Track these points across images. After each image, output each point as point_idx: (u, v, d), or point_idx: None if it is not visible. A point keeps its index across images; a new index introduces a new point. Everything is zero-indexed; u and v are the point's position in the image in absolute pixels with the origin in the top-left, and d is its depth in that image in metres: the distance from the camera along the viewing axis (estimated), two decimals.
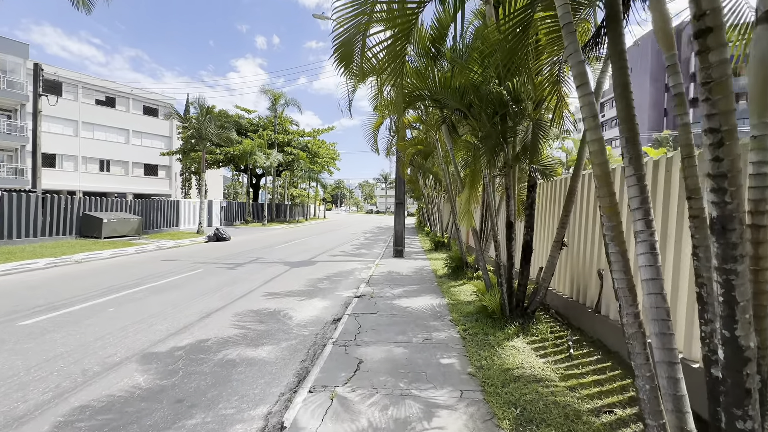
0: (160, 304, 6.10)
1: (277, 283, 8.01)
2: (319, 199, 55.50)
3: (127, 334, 4.70)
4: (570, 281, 5.46)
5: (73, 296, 6.43)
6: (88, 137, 32.21)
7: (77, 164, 31.69)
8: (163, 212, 20.04)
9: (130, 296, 6.55)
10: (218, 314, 5.68)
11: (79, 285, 7.30)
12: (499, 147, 4.24)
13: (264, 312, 5.86)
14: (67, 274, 8.39)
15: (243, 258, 11.58)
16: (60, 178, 30.46)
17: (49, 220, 13.85)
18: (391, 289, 7.51)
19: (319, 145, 36.34)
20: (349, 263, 11.28)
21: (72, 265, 9.80)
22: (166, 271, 9.02)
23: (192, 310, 5.87)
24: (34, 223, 13.14)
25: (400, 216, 12.44)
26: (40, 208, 13.30)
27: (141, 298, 6.47)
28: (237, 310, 5.95)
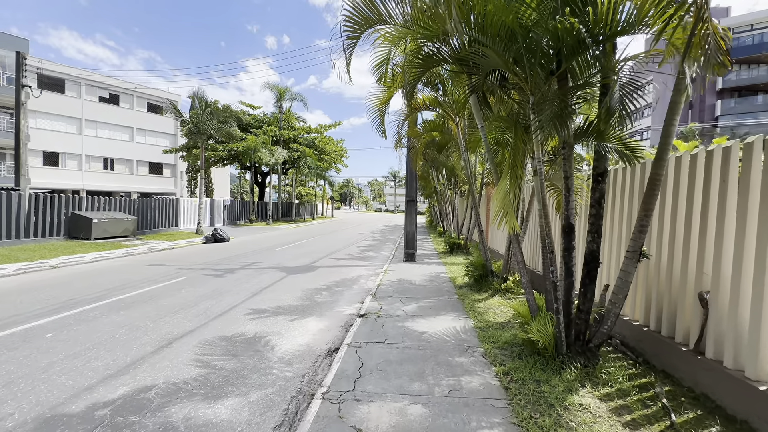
0: (114, 327, 4.90)
1: (267, 296, 6.77)
2: (327, 198, 54.48)
3: (49, 377, 3.49)
4: (646, 304, 4.07)
5: (15, 314, 5.28)
6: (91, 135, 31.62)
7: (81, 163, 31.13)
8: (162, 212, 19.08)
9: (84, 315, 5.37)
10: (182, 342, 4.44)
11: (31, 298, 6.17)
12: (562, 117, 2.90)
13: (241, 339, 4.61)
14: (30, 283, 7.29)
15: (237, 262, 10.41)
16: (63, 177, 29.94)
17: (34, 220, 12.91)
18: (403, 304, 6.19)
19: (326, 141, 35.13)
20: (354, 269, 9.99)
21: (45, 271, 8.75)
22: (144, 279, 7.87)
23: (151, 336, 4.65)
24: (17, 224, 12.20)
25: (411, 215, 11.10)
26: (23, 208, 12.36)
27: (96, 317, 5.28)
28: (208, 335, 4.71)
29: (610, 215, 4.60)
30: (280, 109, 31.90)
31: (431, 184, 20.88)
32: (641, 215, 3.51)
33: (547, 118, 2.89)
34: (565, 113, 2.93)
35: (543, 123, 2.92)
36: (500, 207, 3.77)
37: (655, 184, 3.46)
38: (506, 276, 6.97)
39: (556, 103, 2.92)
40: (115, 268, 9.23)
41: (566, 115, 2.95)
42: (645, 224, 3.50)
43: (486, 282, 7.18)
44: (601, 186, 3.51)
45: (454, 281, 8.01)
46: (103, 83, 32.50)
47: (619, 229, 4.44)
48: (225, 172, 50.24)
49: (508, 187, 3.78)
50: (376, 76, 5.28)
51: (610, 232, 4.60)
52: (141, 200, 17.70)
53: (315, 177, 37.92)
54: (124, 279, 7.82)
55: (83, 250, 11.68)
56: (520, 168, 3.82)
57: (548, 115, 2.88)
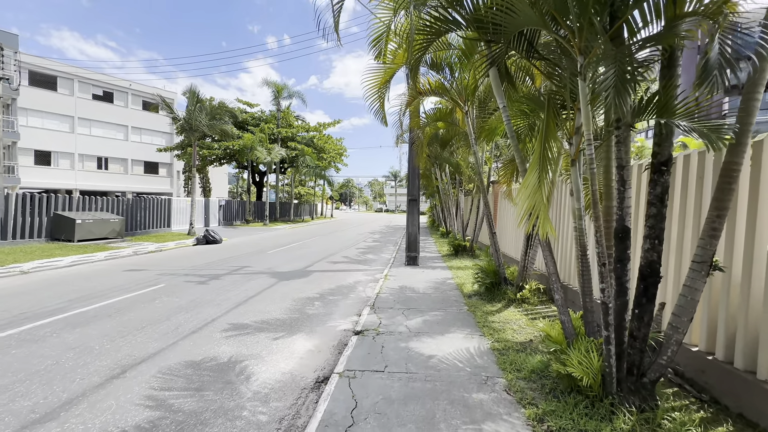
0: (63, 349, 4.11)
1: (252, 307, 5.99)
2: (326, 198, 53.70)
3: None
4: (709, 326, 3.28)
5: None
6: (84, 134, 30.88)
7: (74, 162, 30.38)
8: (153, 212, 18.31)
9: (31, 333, 4.58)
10: (138, 371, 3.66)
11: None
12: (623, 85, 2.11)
13: (211, 365, 3.82)
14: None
15: (226, 266, 9.62)
16: (56, 177, 29.20)
17: (13, 221, 12.15)
18: (405, 317, 5.40)
19: (326, 140, 34.36)
20: (351, 274, 9.20)
21: (13, 277, 7.98)
22: (117, 287, 7.09)
23: (103, 361, 3.86)
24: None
25: (413, 215, 10.31)
26: (0, 208, 11.60)
27: (44, 336, 4.50)
28: (173, 360, 3.92)
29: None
30: (278, 107, 31.11)
31: (434, 183, 20.08)
32: (712, 216, 2.73)
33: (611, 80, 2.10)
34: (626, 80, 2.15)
35: (607, 86, 2.12)
36: (529, 206, 2.98)
37: (730, 176, 2.69)
38: (522, 284, 6.18)
39: (622, 61, 2.13)
40: (90, 273, 8.46)
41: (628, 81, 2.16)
42: (717, 227, 2.72)
43: (498, 291, 6.38)
44: (664, 178, 2.72)
45: (462, 289, 7.22)
46: (97, 80, 31.75)
47: (680, 234, 3.63)
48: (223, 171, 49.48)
49: (537, 182, 2.99)
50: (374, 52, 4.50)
51: (666, 238, 3.80)
52: (130, 200, 16.94)
53: (314, 176, 37.11)
54: (94, 287, 7.04)
55: (63, 253, 10.92)
56: (552, 157, 3.03)
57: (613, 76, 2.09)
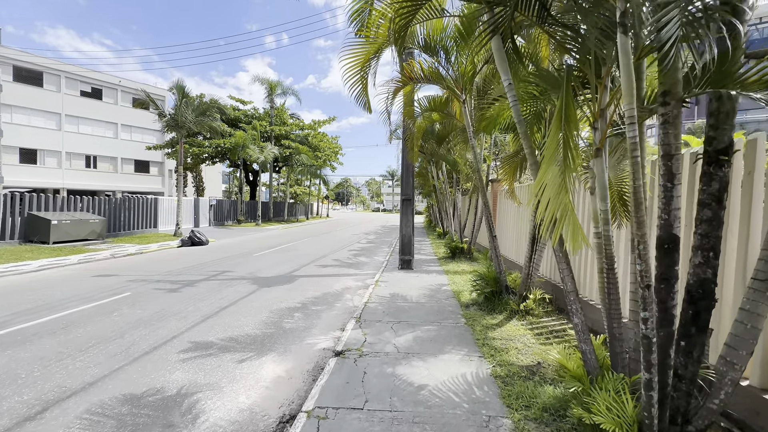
0: None
1: (222, 320, 5.31)
2: (322, 197, 53.00)
3: None
4: (764, 358, 2.64)
5: None
6: (72, 131, 30.00)
7: (61, 160, 29.49)
8: (138, 212, 17.58)
9: None
10: (63, 409, 2.98)
11: None
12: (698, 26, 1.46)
13: (154, 400, 3.15)
14: None
15: (204, 271, 8.93)
16: (42, 175, 28.32)
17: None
18: (394, 332, 4.74)
19: (320, 138, 33.67)
20: (340, 279, 8.53)
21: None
22: (77, 296, 6.39)
23: (25, 395, 3.18)
24: None
25: (407, 215, 9.65)
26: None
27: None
28: (110, 392, 3.25)
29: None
30: (272, 104, 30.39)
31: (430, 182, 19.43)
32: None
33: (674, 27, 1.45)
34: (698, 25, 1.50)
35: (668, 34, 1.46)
36: (553, 210, 2.32)
37: None
38: (525, 293, 5.53)
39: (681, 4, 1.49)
40: (56, 280, 7.75)
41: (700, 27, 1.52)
42: None
43: (499, 300, 5.73)
44: (722, 172, 2.07)
45: (459, 297, 6.57)
46: (85, 77, 30.88)
47: (739, 243, 2.96)
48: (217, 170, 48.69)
49: (561, 178, 2.33)
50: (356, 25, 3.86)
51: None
52: (114, 200, 16.20)
53: (308, 175, 36.41)
54: (52, 295, 6.34)
55: (33, 257, 10.20)
56: (575, 145, 2.38)
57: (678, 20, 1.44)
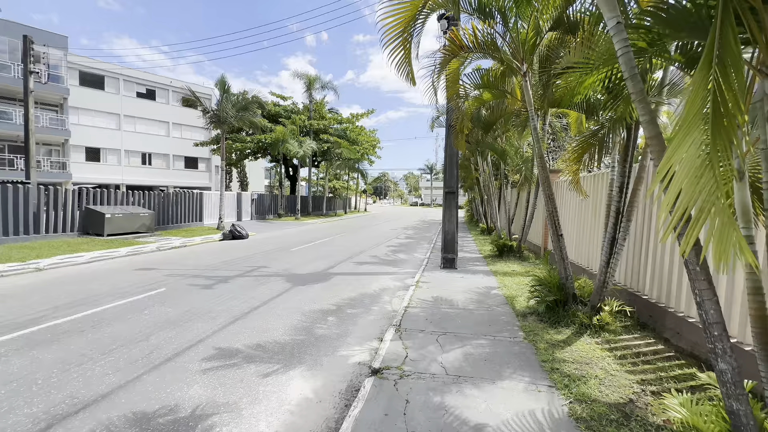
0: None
1: (251, 323, 4.92)
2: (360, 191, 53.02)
3: None
4: None
5: None
6: (130, 130, 32.11)
7: (120, 158, 31.72)
8: (185, 206, 18.21)
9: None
10: (67, 428, 2.64)
11: None
12: None
13: (164, 424, 2.72)
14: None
15: (240, 266, 8.76)
16: (105, 172, 30.62)
17: (45, 215, 12.16)
18: (440, 347, 4.06)
19: (358, 131, 33.34)
20: (378, 278, 7.96)
21: (25, 274, 7.58)
22: (114, 291, 6.36)
23: (34, 407, 2.90)
24: (25, 219, 11.44)
25: (450, 210, 8.85)
26: (31, 203, 11.60)
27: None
28: (121, 409, 2.88)
29: None
30: (310, 99, 30.49)
31: (472, 174, 18.34)
32: None
33: None
34: None
35: None
36: (688, 199, 1.50)
37: None
38: (599, 304, 4.59)
39: None
40: (102, 272, 7.91)
41: None
42: None
43: (565, 311, 4.83)
44: None
45: (513, 304, 5.72)
46: (140, 78, 32.87)
47: None
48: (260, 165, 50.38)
49: (701, 152, 1.52)
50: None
51: None
52: (163, 194, 16.86)
53: (347, 169, 36.34)
54: (91, 289, 6.35)
55: (87, 248, 10.66)
56: (734, 99, 1.54)
57: None
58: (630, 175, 4.21)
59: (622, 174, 4.11)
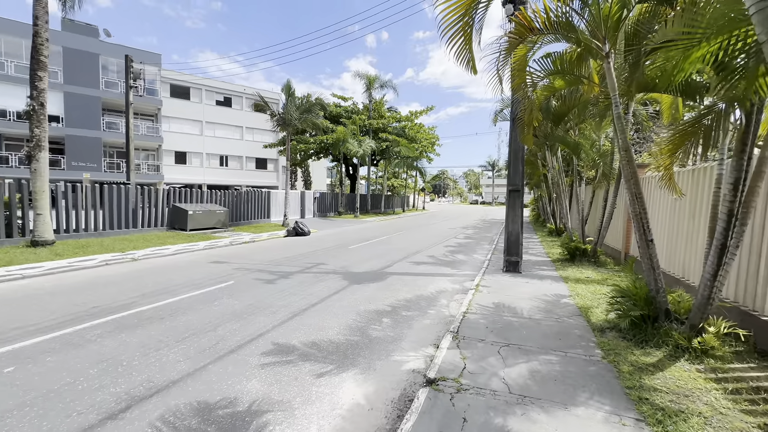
0: (93, 361, 3.64)
1: (308, 319, 5.01)
2: (418, 189, 52.65)
3: None
4: None
5: (19, 326, 4.51)
6: (210, 135, 35.55)
7: (202, 160, 35.28)
8: (254, 204, 19.60)
9: (79, 336, 4.32)
10: (142, 410, 2.86)
11: (63, 302, 5.54)
12: None
13: (223, 416, 2.82)
14: (90, 279, 6.97)
15: (301, 263, 9.10)
16: (190, 174, 34.30)
17: (141, 212, 13.90)
18: (503, 360, 3.71)
19: (417, 129, 33.02)
20: (435, 280, 7.70)
21: (124, 263, 8.69)
22: (191, 282, 6.95)
23: (119, 386, 3.20)
24: (126, 215, 13.19)
25: (515, 209, 8.23)
26: (131, 201, 13.33)
27: (89, 340, 4.16)
28: (187, 397, 3.06)
29: None
30: (370, 98, 30.92)
31: (539, 171, 17.05)
32: None
33: None
34: None
35: None
36: None
37: None
38: (702, 324, 3.85)
39: None
40: (183, 263, 8.76)
41: None
42: None
43: (655, 329, 4.14)
44: None
45: (588, 316, 5.09)
46: (218, 88, 36.19)
47: None
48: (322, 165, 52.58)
49: None
50: None
51: None
52: (236, 193, 18.32)
53: (405, 167, 36.26)
54: (171, 280, 7.03)
55: (173, 242, 11.93)
56: None
57: None
58: (747, 169, 3.44)
59: (738, 168, 3.36)
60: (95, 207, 12.28)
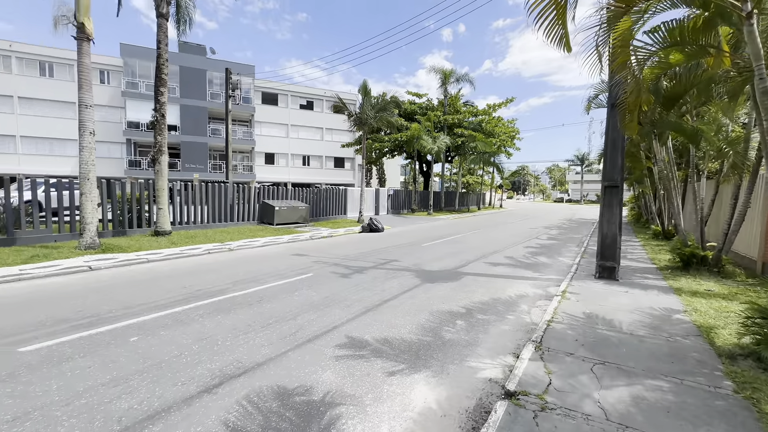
0: (195, 338, 4.12)
1: (380, 316, 5.03)
2: (495, 186, 50.07)
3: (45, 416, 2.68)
4: None
5: (140, 303, 5.33)
6: (294, 137, 38.47)
7: (288, 160, 38.38)
8: (332, 201, 20.63)
9: (183, 315, 4.94)
10: (232, 387, 3.13)
11: (173, 285, 6.42)
12: None
13: (299, 403, 2.93)
14: (196, 266, 8.00)
15: (374, 258, 9.26)
16: (277, 173, 37.59)
17: (237, 207, 15.60)
18: (597, 381, 3.24)
19: (495, 123, 31.32)
20: (513, 283, 7.16)
21: (223, 252, 9.83)
22: (275, 272, 7.53)
23: (214, 363, 3.56)
24: (225, 210, 14.94)
25: (611, 207, 7.24)
26: (229, 198, 15.05)
27: (192, 319, 4.73)
28: (269, 380, 3.27)
29: None
30: (445, 93, 30.25)
31: (642, 164, 14.83)
32: None
33: None
34: None
35: None
36: None
37: None
38: None
39: None
40: (269, 255, 9.57)
41: None
42: None
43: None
44: None
45: (711, 337, 4.20)
46: (302, 93, 38.91)
47: None
48: (396, 163, 53.16)
49: None
50: None
51: None
52: (316, 190, 19.50)
53: (481, 163, 34.72)
54: (259, 269, 7.69)
55: (261, 235, 13.15)
56: None
57: None
58: None
59: None
60: (202, 203, 14.14)
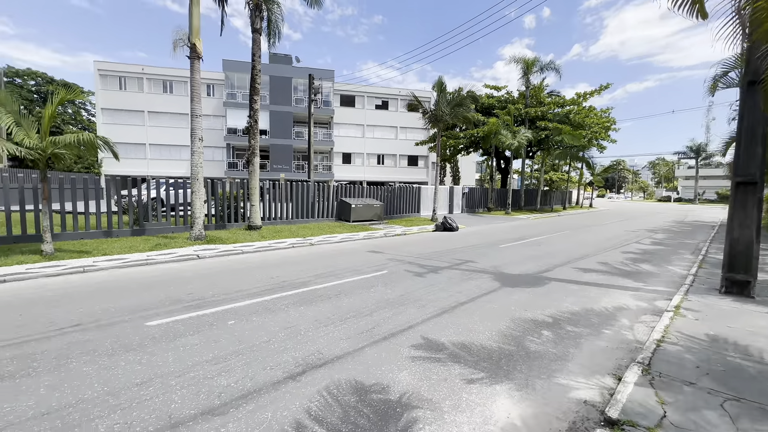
0: (282, 326, 4.43)
1: (457, 318, 4.84)
2: (584, 183, 45.23)
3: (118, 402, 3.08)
4: None
5: (237, 290, 5.92)
6: (370, 137, 39.61)
7: (363, 160, 39.70)
8: (405, 199, 20.74)
9: (271, 304, 5.34)
10: (313, 377, 3.28)
11: (262, 276, 7.02)
12: None
13: (376, 401, 2.94)
14: (281, 258, 8.67)
15: (449, 258, 9.01)
16: (353, 172, 39.15)
17: (317, 205, 16.60)
18: (731, 422, 2.65)
19: (585, 113, 28.22)
20: (609, 292, 6.33)
21: (305, 247, 10.52)
22: (352, 267, 7.77)
23: (298, 351, 3.78)
24: (307, 207, 16.01)
25: (745, 208, 5.93)
26: (310, 195, 16.09)
27: (279, 308, 5.10)
28: (348, 374, 3.34)
29: None
30: (527, 84, 28.24)
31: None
32: None
33: None
34: None
35: None
36: None
37: None
38: None
39: None
40: (346, 250, 9.96)
41: None
42: None
43: None
44: None
45: None
46: (377, 93, 39.84)
47: None
48: (471, 160, 51.36)
49: None
50: None
51: None
52: (390, 188, 19.79)
53: (567, 158, 31.68)
54: (337, 264, 8.02)
55: (339, 231, 13.78)
56: None
57: None
58: None
59: None
60: (286, 200, 15.35)
